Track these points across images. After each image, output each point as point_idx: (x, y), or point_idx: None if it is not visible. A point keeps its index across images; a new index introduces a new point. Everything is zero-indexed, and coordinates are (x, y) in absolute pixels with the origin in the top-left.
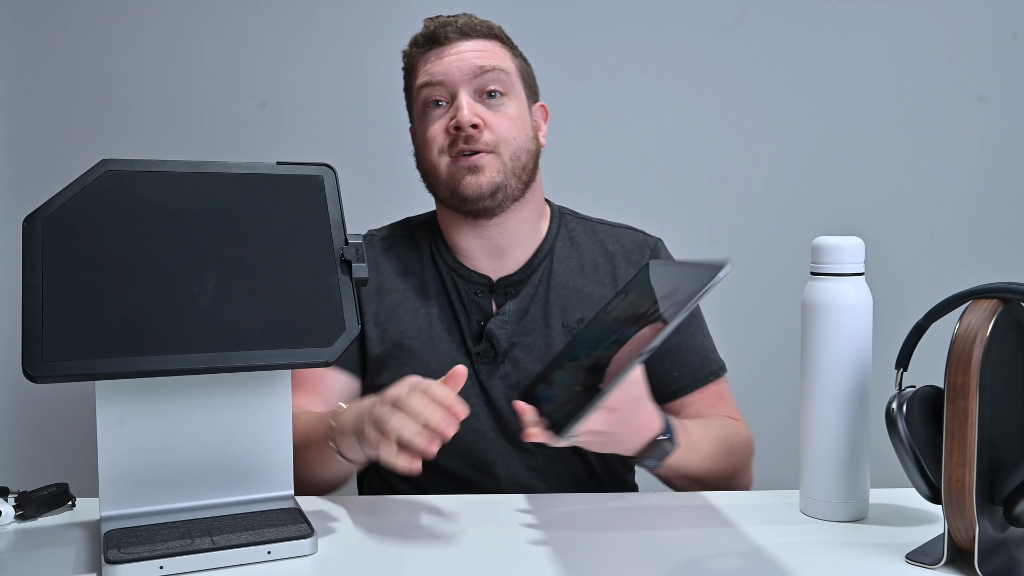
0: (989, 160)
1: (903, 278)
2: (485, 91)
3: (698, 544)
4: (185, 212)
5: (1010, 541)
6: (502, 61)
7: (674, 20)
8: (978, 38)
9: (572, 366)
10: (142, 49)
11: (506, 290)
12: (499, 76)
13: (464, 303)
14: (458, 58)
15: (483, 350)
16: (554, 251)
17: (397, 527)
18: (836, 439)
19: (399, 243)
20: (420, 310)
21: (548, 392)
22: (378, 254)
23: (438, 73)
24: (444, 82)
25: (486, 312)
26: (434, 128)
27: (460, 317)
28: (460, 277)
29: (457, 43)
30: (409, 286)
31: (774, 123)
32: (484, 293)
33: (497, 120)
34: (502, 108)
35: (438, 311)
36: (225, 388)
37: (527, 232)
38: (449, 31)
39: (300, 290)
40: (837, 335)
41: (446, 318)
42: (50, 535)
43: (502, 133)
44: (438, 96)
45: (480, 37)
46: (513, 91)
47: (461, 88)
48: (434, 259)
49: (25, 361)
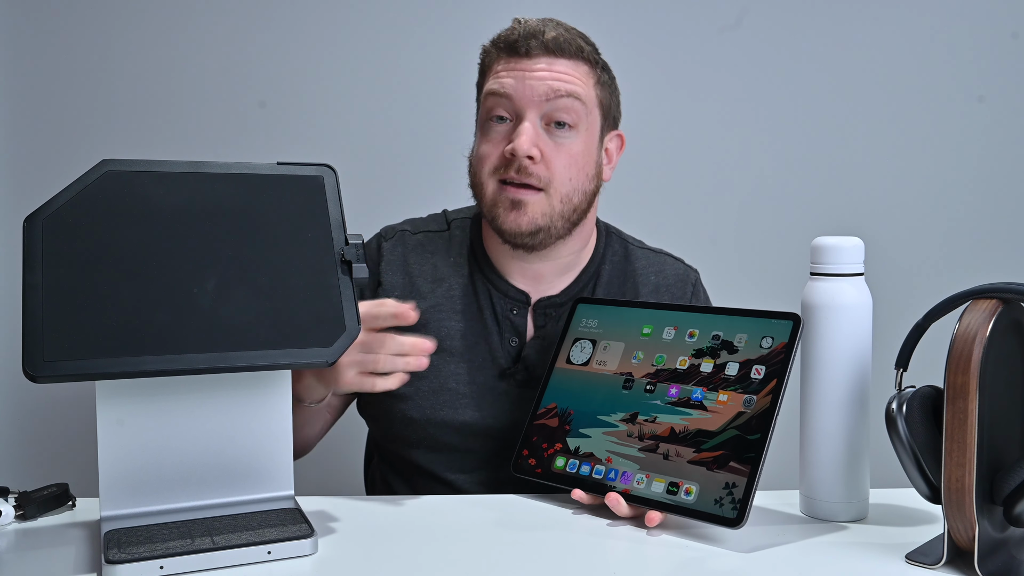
0: (989, 160)
1: (903, 278)
2: (554, 120)
3: (698, 544)
4: (185, 212)
5: (1010, 541)
6: (582, 88)
7: (674, 20)
8: (978, 38)
9: (607, 432)
10: (142, 49)
11: (546, 311)
12: (572, 105)
13: (498, 320)
14: (534, 76)
15: (517, 372)
16: (599, 275)
17: (397, 527)
18: (836, 439)
19: (433, 241)
20: (445, 322)
21: (605, 468)
22: (408, 251)
23: (509, 87)
24: (512, 98)
25: (520, 331)
26: (490, 145)
27: (492, 334)
28: (497, 291)
29: (539, 59)
30: (440, 293)
31: (774, 123)
32: (521, 310)
33: (557, 156)
34: (566, 143)
35: (465, 325)
36: (225, 388)
37: (568, 262)
38: (533, 45)
39: (300, 290)
40: (837, 335)
41: (473, 333)
42: (50, 535)
43: (558, 171)
44: (503, 111)
45: (567, 57)
46: (584, 123)
47: (528, 110)
48: (470, 267)
49: (25, 361)
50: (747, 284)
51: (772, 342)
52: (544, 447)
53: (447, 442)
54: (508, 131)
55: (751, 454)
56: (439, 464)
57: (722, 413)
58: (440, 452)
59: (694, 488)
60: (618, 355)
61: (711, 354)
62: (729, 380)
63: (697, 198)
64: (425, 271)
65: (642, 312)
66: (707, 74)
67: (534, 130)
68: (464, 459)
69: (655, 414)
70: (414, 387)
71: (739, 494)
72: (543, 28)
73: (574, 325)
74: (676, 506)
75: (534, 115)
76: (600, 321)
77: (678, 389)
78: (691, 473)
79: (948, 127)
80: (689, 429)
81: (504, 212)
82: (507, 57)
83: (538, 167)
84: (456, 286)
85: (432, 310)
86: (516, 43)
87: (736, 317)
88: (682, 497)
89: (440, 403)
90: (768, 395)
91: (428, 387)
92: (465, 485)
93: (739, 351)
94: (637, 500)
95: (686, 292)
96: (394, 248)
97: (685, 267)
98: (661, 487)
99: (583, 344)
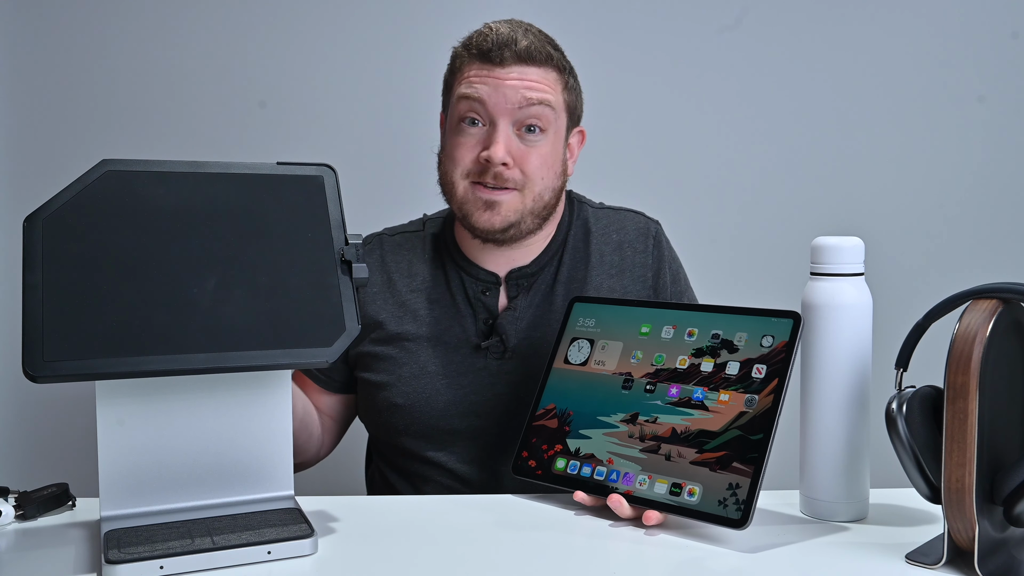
0: (989, 160)
1: (903, 278)
2: (525, 125)
3: (698, 544)
4: (185, 212)
5: (1010, 541)
6: (552, 95)
7: (674, 20)
8: (978, 38)
9: (607, 433)
10: (142, 49)
11: (518, 283)
12: (543, 112)
13: (471, 302)
14: (507, 85)
15: (493, 344)
16: (566, 242)
17: (397, 527)
18: (836, 439)
19: (408, 241)
20: (420, 311)
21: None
22: (386, 253)
23: (483, 93)
24: (487, 104)
25: (492, 310)
26: (464, 149)
27: (465, 316)
28: (468, 275)
29: (511, 68)
30: (415, 284)
31: (774, 123)
32: (492, 291)
33: (528, 159)
34: (537, 145)
35: (439, 311)
36: (225, 388)
37: (539, 242)
38: (506, 54)
39: (300, 290)
40: (837, 335)
41: (447, 317)
42: (50, 535)
43: (531, 172)
44: (476, 114)
45: (537, 65)
46: (553, 127)
47: (501, 117)
48: (442, 259)
49: (25, 361)
50: (747, 284)
51: (773, 341)
52: (544, 448)
53: (433, 425)
54: (481, 134)
55: (754, 454)
56: (429, 447)
57: (724, 413)
58: (428, 436)
59: (697, 489)
60: (616, 355)
61: (711, 353)
62: (730, 380)
63: (697, 198)
64: (401, 267)
65: (640, 311)
66: (707, 74)
67: (508, 138)
68: (452, 440)
69: (656, 414)
70: (395, 374)
71: (743, 495)
72: (515, 36)
73: (571, 324)
74: (680, 507)
75: (507, 122)
76: (597, 320)
77: (678, 389)
78: (694, 474)
79: (948, 127)
80: (691, 429)
81: (478, 212)
82: (480, 63)
83: (512, 171)
84: (430, 277)
85: (407, 300)
86: (490, 52)
87: (735, 316)
88: (685, 498)
89: (421, 386)
90: (770, 395)
91: (408, 372)
92: (456, 466)
93: (739, 350)
94: (640, 501)
95: (647, 245)
96: (372, 251)
97: (646, 220)
98: (664, 488)
99: (581, 344)
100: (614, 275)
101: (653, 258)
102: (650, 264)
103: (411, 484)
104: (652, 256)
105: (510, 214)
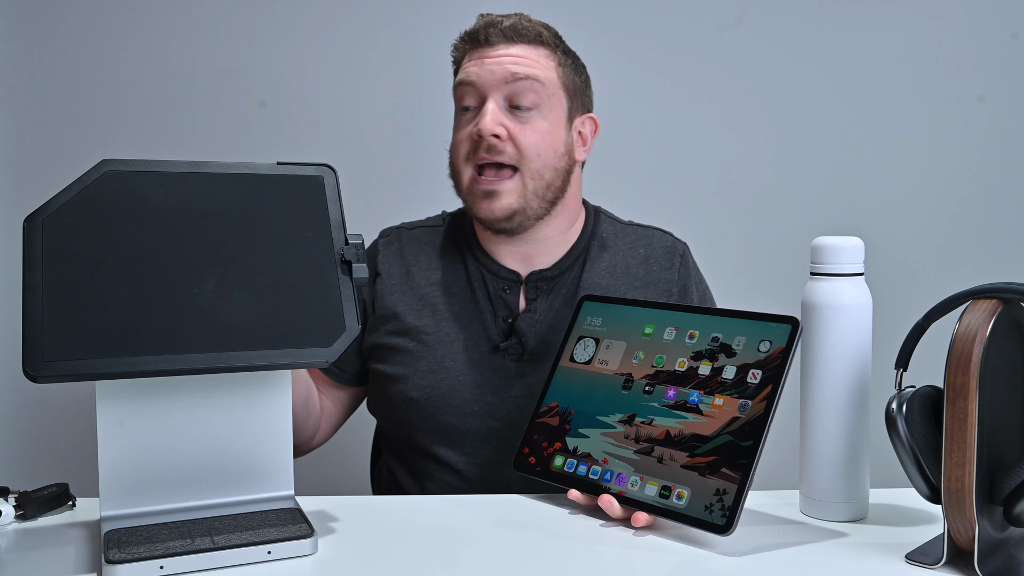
0: (989, 160)
1: (903, 278)
2: (515, 103)
3: (698, 544)
4: (185, 212)
5: (1010, 541)
6: (541, 71)
7: (674, 20)
8: (978, 38)
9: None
10: (142, 49)
11: (538, 285)
12: (532, 86)
13: (491, 299)
14: (494, 62)
15: (511, 346)
16: (588, 252)
17: (397, 527)
18: (836, 439)
19: (427, 235)
20: (440, 305)
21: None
22: (404, 246)
23: (472, 74)
24: (476, 85)
25: (513, 309)
26: (461, 133)
27: (485, 313)
28: (489, 272)
29: (498, 46)
30: (434, 278)
31: (774, 123)
32: (513, 289)
33: (523, 134)
34: (531, 121)
35: (459, 307)
36: (225, 388)
37: (556, 241)
38: (492, 33)
39: (300, 290)
40: (837, 335)
41: (467, 314)
42: (50, 535)
43: (527, 149)
44: (469, 99)
45: (525, 42)
46: (547, 104)
47: (491, 93)
48: (463, 254)
49: (25, 361)
50: (747, 284)
51: (770, 346)
52: (544, 446)
53: (447, 422)
54: (474, 117)
55: (743, 461)
56: (440, 445)
57: (717, 418)
58: (441, 432)
59: (686, 493)
60: (620, 354)
61: (709, 356)
62: (726, 384)
63: (697, 198)
64: (421, 261)
65: (646, 312)
66: (707, 74)
67: (497, 110)
68: (464, 439)
69: (652, 416)
70: (412, 368)
71: (729, 501)
72: (502, 19)
73: (579, 322)
74: (667, 510)
75: (497, 97)
76: (604, 319)
77: (675, 391)
78: (683, 478)
79: (948, 127)
80: (684, 433)
81: (480, 201)
82: (472, 49)
83: (506, 144)
84: (450, 271)
85: (428, 294)
86: (477, 33)
87: (736, 319)
88: (674, 501)
89: (438, 381)
90: (763, 401)
91: (426, 367)
92: (465, 467)
93: (737, 354)
94: (630, 502)
95: (674, 263)
96: (390, 244)
97: (673, 239)
98: (654, 490)
99: (587, 342)
100: (638, 287)
101: (679, 275)
102: (675, 281)
103: (417, 481)
104: (678, 273)
105: (511, 200)
